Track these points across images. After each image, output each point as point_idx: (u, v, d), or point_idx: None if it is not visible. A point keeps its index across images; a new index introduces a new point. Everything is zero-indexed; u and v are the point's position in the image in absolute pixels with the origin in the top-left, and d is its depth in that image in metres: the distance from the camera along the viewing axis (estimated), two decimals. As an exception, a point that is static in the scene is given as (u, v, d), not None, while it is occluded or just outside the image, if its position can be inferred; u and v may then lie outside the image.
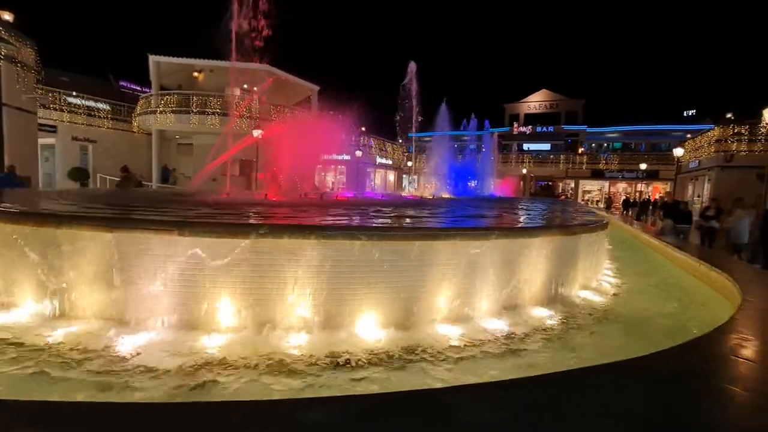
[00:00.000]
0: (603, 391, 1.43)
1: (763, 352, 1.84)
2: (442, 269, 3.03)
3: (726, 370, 1.68)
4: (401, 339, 2.73)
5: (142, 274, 2.72)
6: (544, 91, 46.30)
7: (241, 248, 2.68)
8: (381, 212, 4.92)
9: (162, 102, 20.13)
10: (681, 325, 3.26)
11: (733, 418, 1.34)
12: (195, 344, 2.54)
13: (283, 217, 4.01)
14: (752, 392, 1.48)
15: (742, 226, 8.74)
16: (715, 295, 3.90)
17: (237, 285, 2.73)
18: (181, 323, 2.69)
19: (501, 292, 3.22)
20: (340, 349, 2.53)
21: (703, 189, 23.06)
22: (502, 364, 2.50)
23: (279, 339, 2.62)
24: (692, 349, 1.90)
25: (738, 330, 2.11)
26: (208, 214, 3.69)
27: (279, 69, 21.88)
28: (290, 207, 5.32)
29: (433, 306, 3.04)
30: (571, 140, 42.83)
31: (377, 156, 31.27)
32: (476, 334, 2.89)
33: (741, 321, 2.28)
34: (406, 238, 2.99)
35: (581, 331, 3.17)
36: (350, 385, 2.21)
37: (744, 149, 19.44)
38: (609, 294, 4.27)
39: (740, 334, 2.05)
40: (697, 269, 4.72)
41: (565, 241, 3.60)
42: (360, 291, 2.85)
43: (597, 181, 36.33)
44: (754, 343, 1.95)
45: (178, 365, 2.34)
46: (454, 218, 4.78)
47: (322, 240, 2.76)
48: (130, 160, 21.07)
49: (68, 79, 24.13)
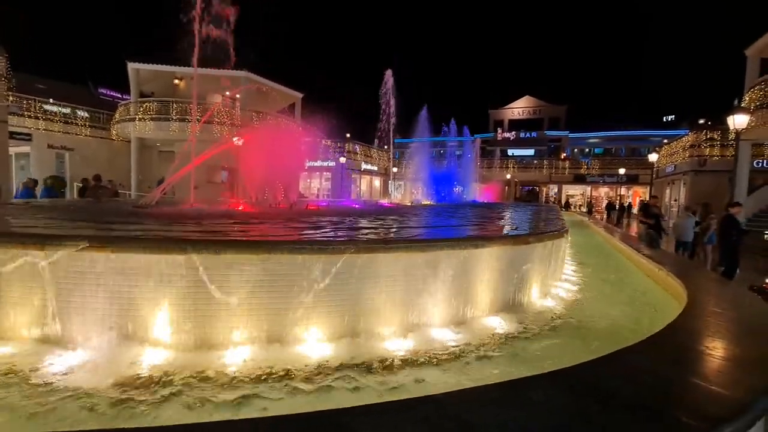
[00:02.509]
0: (505, 407, 1.42)
1: (674, 370, 1.87)
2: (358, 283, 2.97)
3: (637, 383, 1.70)
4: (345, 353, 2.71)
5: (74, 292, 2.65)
6: (528, 97, 47.07)
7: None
8: (331, 224, 4.73)
9: (141, 109, 19.87)
10: (630, 332, 3.30)
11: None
12: (129, 361, 2.47)
13: (205, 232, 3.65)
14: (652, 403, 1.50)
15: (685, 225, 9.05)
16: (673, 301, 3.96)
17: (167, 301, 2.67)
18: (117, 340, 2.62)
19: (450, 303, 3.21)
20: (279, 365, 2.50)
21: (679, 193, 23.61)
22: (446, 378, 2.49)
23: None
24: (613, 361, 1.92)
25: (661, 341, 2.14)
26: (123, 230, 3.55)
27: (261, 76, 21.82)
28: (240, 219, 5.03)
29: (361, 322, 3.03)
30: (553, 145, 43.55)
31: (362, 162, 31.30)
32: (423, 346, 2.88)
33: (667, 334, 2.32)
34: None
35: (532, 340, 3.18)
36: (292, 400, 2.19)
37: (716, 154, 19.99)
38: (568, 301, 4.31)
39: (662, 345, 2.08)
40: (656, 274, 4.80)
41: (517, 251, 3.63)
42: (300, 305, 2.81)
43: (579, 185, 36.95)
44: (668, 358, 1.98)
45: (111, 384, 2.28)
46: (409, 228, 4.67)
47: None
48: (109, 168, 20.73)
49: (45, 86, 23.65)
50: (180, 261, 2.60)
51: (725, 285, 4.53)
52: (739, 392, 1.67)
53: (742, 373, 1.89)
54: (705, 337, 2.37)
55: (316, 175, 29.64)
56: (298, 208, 6.97)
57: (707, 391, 1.68)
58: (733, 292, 3.87)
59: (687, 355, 2.08)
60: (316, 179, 30.36)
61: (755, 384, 1.72)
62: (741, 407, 1.55)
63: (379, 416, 1.40)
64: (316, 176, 29.96)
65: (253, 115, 21.32)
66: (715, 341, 2.29)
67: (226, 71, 19.49)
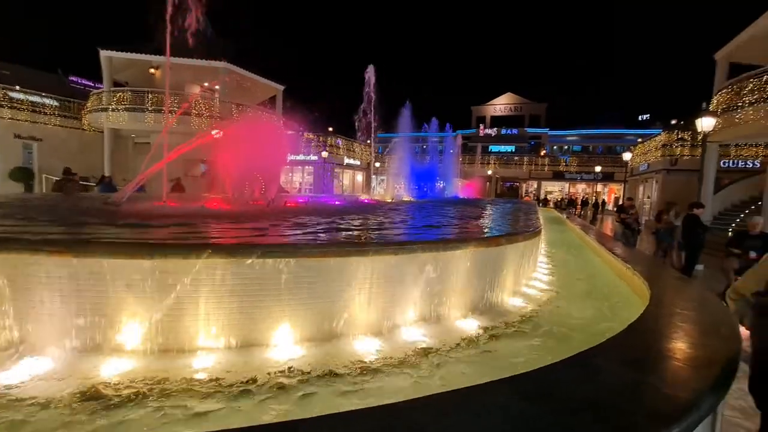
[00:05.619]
0: (461, 415, 1.46)
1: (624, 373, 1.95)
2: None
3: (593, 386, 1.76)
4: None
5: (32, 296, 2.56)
6: (509, 94, 47.67)
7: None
8: (302, 226, 4.44)
9: (115, 99, 19.16)
10: (599, 332, 3.41)
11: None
12: (91, 369, 2.41)
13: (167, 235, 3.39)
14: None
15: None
16: (639, 301, 4.10)
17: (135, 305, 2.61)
18: (79, 348, 2.55)
19: (422, 304, 3.25)
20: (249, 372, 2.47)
21: (652, 191, 24.42)
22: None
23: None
24: (573, 364, 1.98)
25: (621, 342, 2.22)
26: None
27: (241, 68, 21.34)
28: (210, 218, 4.77)
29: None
30: (534, 142, 44.35)
31: (345, 156, 31.12)
32: (394, 348, 2.91)
33: (627, 334, 2.41)
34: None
35: (503, 341, 3.24)
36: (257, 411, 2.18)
37: (687, 154, 20.73)
38: (540, 300, 4.41)
39: (622, 347, 2.16)
40: (625, 273, 4.96)
41: (490, 252, 3.69)
42: (274, 307, 2.79)
43: (558, 182, 37.81)
44: (628, 359, 2.06)
45: (71, 393, 2.22)
46: (384, 231, 4.60)
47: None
48: (81, 159, 19.97)
49: (9, 72, 22.53)
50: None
51: (687, 285, 4.71)
52: (688, 392, 1.75)
53: (692, 374, 1.97)
54: (663, 338, 2.48)
55: (298, 169, 29.34)
56: (276, 206, 6.87)
57: (661, 393, 1.76)
58: (694, 292, 4.03)
59: (645, 356, 2.17)
60: (298, 173, 30.05)
61: (702, 384, 1.81)
62: (689, 407, 1.63)
63: (342, 422, 1.41)
64: (298, 170, 29.66)
65: (233, 107, 20.88)
66: (671, 342, 2.39)
67: (203, 61, 19.01)
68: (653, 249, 10.06)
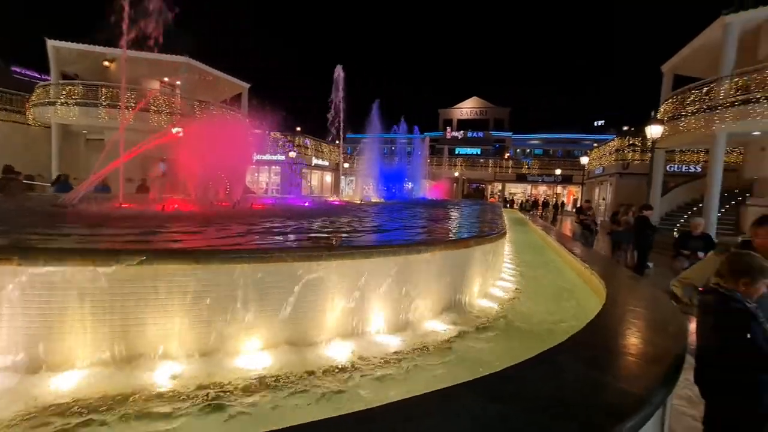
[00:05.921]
0: (425, 420, 1.48)
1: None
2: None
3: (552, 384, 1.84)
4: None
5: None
6: (475, 98, 48.90)
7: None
8: (266, 230, 4.24)
9: (64, 93, 17.91)
10: (562, 330, 3.56)
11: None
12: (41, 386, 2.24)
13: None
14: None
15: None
16: (596, 299, 4.32)
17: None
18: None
19: (391, 308, 3.27)
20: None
21: (607, 193, 25.84)
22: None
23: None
24: (537, 363, 2.06)
25: (580, 340, 2.34)
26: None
27: (205, 64, 20.60)
28: (158, 222, 4.34)
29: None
30: (498, 145, 45.78)
31: (314, 157, 30.73)
32: (364, 352, 2.91)
33: (586, 332, 2.54)
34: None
35: (471, 342, 3.31)
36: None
37: (638, 158, 22.10)
38: (505, 300, 4.55)
39: (582, 344, 2.28)
40: (584, 272, 5.21)
41: (458, 254, 3.78)
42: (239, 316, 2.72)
43: (521, 184, 39.20)
44: (586, 356, 2.17)
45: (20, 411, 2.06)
46: (355, 233, 4.54)
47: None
48: (26, 156, 18.46)
49: (-59, 60, 20.55)
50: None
51: (639, 284, 5.02)
52: (640, 388, 1.87)
53: (644, 370, 2.11)
54: (618, 335, 2.63)
55: (264, 169, 28.64)
56: (241, 207, 6.67)
57: (616, 389, 1.86)
58: (645, 291, 4.29)
59: (603, 353, 2.29)
60: (265, 173, 29.35)
61: (652, 380, 1.93)
62: (640, 402, 1.73)
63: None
64: (265, 170, 28.96)
65: (195, 104, 20.09)
66: (626, 339, 2.54)
67: (163, 55, 18.18)
68: (609, 249, 10.64)
